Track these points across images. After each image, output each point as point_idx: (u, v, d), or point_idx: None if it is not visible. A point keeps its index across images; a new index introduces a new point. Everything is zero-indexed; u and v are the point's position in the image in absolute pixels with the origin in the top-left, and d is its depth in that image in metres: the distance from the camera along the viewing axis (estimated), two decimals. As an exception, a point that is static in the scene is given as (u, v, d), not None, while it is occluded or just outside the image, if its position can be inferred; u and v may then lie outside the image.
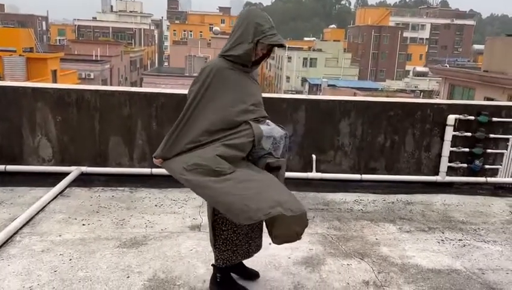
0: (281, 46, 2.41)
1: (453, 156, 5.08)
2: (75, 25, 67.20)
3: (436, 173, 5.12)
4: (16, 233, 3.36)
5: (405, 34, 67.79)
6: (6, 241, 3.22)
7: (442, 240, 3.68)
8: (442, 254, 3.43)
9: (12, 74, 22.60)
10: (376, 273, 3.09)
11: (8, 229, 3.31)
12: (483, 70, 19.14)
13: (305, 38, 78.68)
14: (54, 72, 26.63)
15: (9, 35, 26.10)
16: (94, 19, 71.55)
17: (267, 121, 2.47)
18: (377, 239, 3.64)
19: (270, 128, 2.41)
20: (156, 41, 79.99)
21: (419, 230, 3.87)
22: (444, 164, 5.06)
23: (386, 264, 3.22)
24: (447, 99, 19.85)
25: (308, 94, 38.34)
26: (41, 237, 3.34)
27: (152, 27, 76.09)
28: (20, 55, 24.59)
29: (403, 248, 3.50)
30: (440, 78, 24.58)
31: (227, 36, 2.57)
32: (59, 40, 65.92)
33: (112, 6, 79.48)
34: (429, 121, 5.04)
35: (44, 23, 73.05)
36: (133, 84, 46.06)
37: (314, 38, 74.32)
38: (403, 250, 3.46)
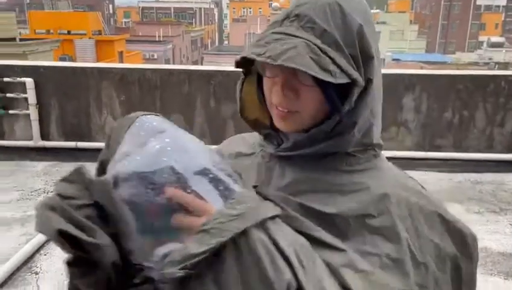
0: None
1: (530, 133, 4.67)
2: (139, 7, 69.44)
3: (510, 151, 4.74)
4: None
5: (478, 2, 62.88)
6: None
7: (516, 223, 3.43)
8: (515, 238, 3.19)
9: (83, 56, 23.91)
10: (440, 255, 2.94)
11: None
12: None
13: (368, 11, 75.53)
14: (121, 53, 27.82)
15: (80, 19, 27.63)
16: (157, 0, 73.47)
17: None
18: (441, 220, 3.45)
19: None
20: (216, 20, 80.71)
21: (490, 211, 3.62)
22: (520, 141, 4.67)
23: (451, 246, 3.05)
24: (526, 71, 18.29)
25: (371, 69, 36.96)
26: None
27: (212, 6, 76.75)
28: (89, 38, 25.91)
29: (470, 229, 3.30)
30: (518, 49, 22.64)
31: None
32: (124, 22, 68.61)
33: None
34: (503, 94, 4.64)
35: (111, 6, 76.18)
36: (194, 64, 47.06)
37: (378, 10, 71.12)
38: (471, 232, 3.26)
